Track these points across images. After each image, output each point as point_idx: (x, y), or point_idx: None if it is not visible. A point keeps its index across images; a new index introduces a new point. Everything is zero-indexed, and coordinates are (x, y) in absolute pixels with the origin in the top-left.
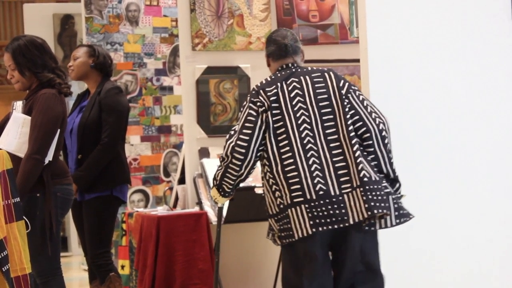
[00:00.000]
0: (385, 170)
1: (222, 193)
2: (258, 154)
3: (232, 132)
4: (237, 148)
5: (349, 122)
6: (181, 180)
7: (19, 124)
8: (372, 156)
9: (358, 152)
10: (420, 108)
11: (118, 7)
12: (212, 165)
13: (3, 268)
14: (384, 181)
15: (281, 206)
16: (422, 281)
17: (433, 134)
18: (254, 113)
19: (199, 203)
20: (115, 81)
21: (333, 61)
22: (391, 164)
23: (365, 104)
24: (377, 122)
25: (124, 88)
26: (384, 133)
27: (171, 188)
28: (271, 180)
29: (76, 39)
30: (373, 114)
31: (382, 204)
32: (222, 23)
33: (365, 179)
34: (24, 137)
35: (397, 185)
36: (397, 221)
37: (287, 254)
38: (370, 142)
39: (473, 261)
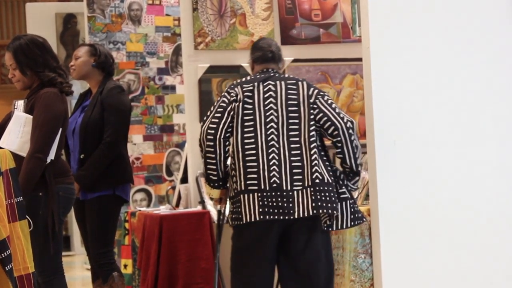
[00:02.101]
0: (349, 163)
1: (211, 184)
2: (227, 135)
3: (205, 118)
4: (208, 131)
5: (311, 128)
6: (184, 179)
7: (21, 123)
8: (339, 150)
9: (315, 155)
10: (422, 106)
11: (121, 6)
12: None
13: (6, 267)
14: (337, 186)
15: (236, 190)
16: (422, 280)
17: (435, 133)
18: (226, 101)
19: (202, 202)
20: (117, 80)
21: (335, 60)
22: (355, 158)
23: (333, 106)
24: (345, 120)
25: (127, 87)
26: (351, 130)
27: (173, 187)
28: (232, 165)
29: (78, 38)
30: (341, 114)
31: (329, 205)
32: (224, 22)
33: (317, 180)
34: (26, 136)
35: (356, 178)
36: (352, 223)
37: (236, 241)
38: (338, 138)
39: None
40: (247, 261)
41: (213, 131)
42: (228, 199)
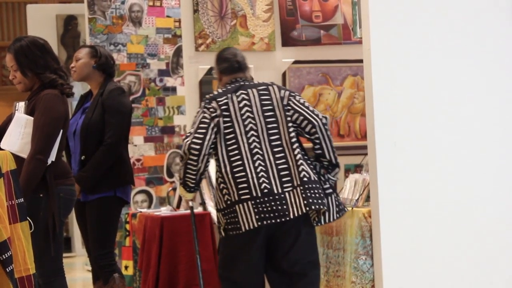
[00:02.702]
0: (328, 157)
1: (187, 189)
2: (210, 151)
3: (188, 134)
4: (192, 145)
5: (291, 130)
6: None
7: (22, 125)
8: (318, 146)
9: (299, 155)
10: (423, 107)
11: (121, 8)
12: (215, 166)
13: (7, 269)
14: (322, 182)
15: (228, 202)
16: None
17: (435, 134)
18: (208, 117)
19: (203, 203)
20: (118, 82)
21: (336, 61)
22: (333, 152)
23: (306, 105)
24: (320, 117)
25: (128, 88)
26: (326, 126)
27: (174, 189)
28: (219, 179)
29: (79, 39)
30: (315, 111)
31: (319, 201)
32: (225, 23)
33: (305, 179)
34: (26, 138)
35: (336, 169)
36: (337, 215)
37: (227, 247)
38: (317, 135)
39: (472, 261)
40: (235, 266)
41: (198, 147)
42: (218, 212)
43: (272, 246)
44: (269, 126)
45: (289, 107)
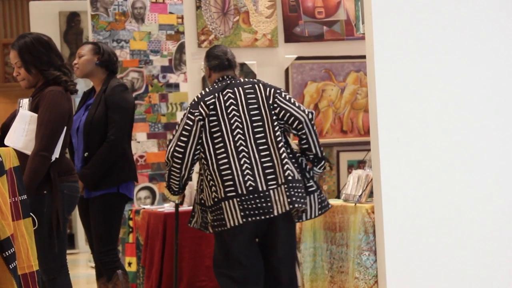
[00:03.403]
0: (314, 151)
1: (172, 192)
2: (195, 157)
3: (172, 137)
4: (175, 154)
5: (276, 128)
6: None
7: (26, 122)
8: (305, 141)
9: (284, 154)
10: (426, 103)
11: (124, 5)
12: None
13: (10, 266)
14: (305, 180)
15: (215, 199)
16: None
17: (439, 130)
18: (191, 123)
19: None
20: (121, 79)
21: (339, 57)
22: (319, 145)
23: (292, 101)
24: (306, 112)
25: (130, 85)
26: (312, 121)
27: None
28: (209, 176)
29: (82, 36)
30: (301, 107)
31: (302, 200)
32: (228, 20)
33: (289, 177)
34: (31, 135)
35: (323, 162)
36: (319, 212)
37: (218, 241)
38: (303, 130)
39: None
40: (229, 262)
41: (181, 156)
42: (207, 209)
43: (262, 242)
44: (254, 124)
45: (275, 105)
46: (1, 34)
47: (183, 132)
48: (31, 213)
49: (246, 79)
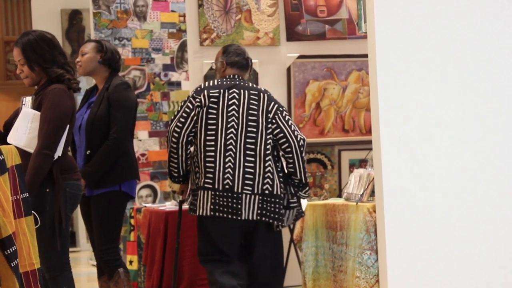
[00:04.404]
0: (299, 176)
1: (172, 178)
2: (189, 139)
3: (173, 118)
4: (173, 133)
5: (268, 141)
6: None
7: (29, 119)
8: (291, 165)
9: (268, 168)
10: (428, 102)
11: (126, 2)
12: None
13: (12, 263)
14: (289, 195)
15: (197, 185)
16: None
17: (440, 129)
18: (191, 106)
19: None
20: (122, 77)
21: (341, 56)
22: (305, 172)
23: (289, 124)
24: (298, 139)
25: (132, 83)
26: (302, 148)
27: None
28: (196, 162)
29: (84, 34)
30: (296, 132)
31: (272, 215)
32: (230, 18)
33: (266, 191)
34: (33, 132)
35: (307, 188)
36: (293, 222)
37: (200, 226)
38: (290, 155)
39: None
40: (214, 248)
41: (177, 135)
42: (189, 191)
43: (244, 243)
44: (248, 129)
45: (273, 121)
46: (3, 31)
47: (183, 114)
48: (33, 211)
49: (254, 85)
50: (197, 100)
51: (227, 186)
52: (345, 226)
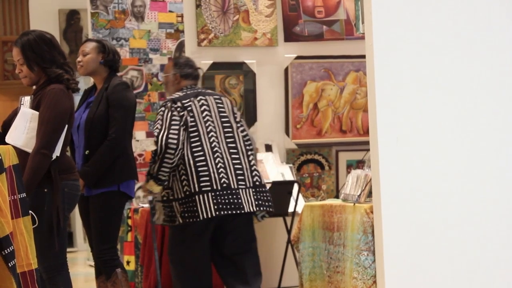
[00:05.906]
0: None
1: (158, 182)
2: (182, 146)
3: (158, 130)
4: (170, 140)
5: (245, 139)
6: None
7: (27, 119)
8: (253, 161)
9: (253, 161)
10: (425, 103)
11: (124, 3)
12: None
13: (9, 264)
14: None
15: (187, 192)
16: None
17: (438, 129)
18: (177, 114)
19: None
20: (120, 77)
21: (338, 57)
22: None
23: (247, 129)
24: (254, 141)
25: (130, 83)
26: (255, 145)
27: None
28: (182, 171)
29: (81, 34)
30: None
31: (267, 203)
32: (227, 18)
33: (257, 182)
34: (32, 132)
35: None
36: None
37: (178, 233)
38: (252, 151)
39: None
40: (190, 252)
41: (175, 141)
42: (174, 201)
43: (218, 235)
44: (225, 130)
45: (241, 123)
46: (1, 31)
47: (173, 122)
48: (30, 211)
49: (212, 91)
50: (179, 108)
51: (224, 185)
52: (343, 227)
